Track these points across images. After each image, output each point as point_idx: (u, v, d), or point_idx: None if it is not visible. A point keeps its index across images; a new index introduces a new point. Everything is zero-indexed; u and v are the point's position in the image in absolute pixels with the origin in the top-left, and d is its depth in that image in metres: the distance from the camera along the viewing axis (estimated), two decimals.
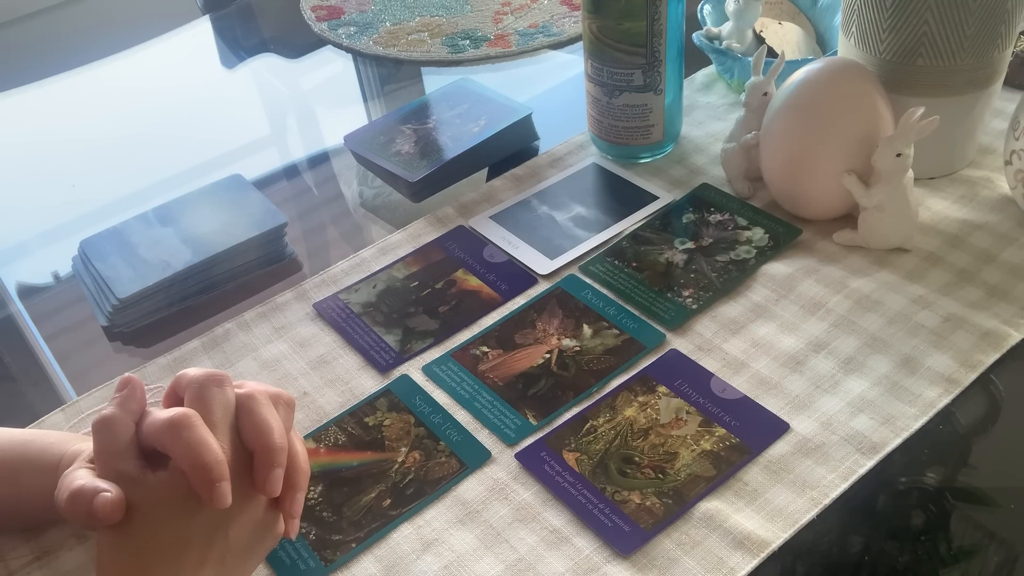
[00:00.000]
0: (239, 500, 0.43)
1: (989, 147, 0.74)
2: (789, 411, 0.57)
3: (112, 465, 0.42)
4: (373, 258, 0.72)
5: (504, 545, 0.52)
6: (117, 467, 0.42)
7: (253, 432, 0.44)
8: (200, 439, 0.41)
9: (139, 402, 0.44)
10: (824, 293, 0.64)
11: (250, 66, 1.08)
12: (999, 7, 0.65)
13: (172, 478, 0.42)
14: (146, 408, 0.44)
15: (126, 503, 0.41)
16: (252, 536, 0.44)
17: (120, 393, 0.44)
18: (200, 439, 0.41)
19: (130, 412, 0.43)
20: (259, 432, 0.44)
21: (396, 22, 1.05)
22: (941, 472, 0.54)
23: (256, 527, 0.44)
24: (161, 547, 0.41)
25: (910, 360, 0.59)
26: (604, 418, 0.57)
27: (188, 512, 0.42)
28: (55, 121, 1.00)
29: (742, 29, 0.84)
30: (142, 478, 0.42)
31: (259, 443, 0.44)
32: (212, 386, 0.44)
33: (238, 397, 0.45)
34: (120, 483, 0.42)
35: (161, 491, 0.42)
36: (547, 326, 0.64)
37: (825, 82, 0.65)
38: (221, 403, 0.44)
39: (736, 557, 0.49)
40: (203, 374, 0.44)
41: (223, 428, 0.43)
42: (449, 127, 0.84)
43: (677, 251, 0.69)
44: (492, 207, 0.76)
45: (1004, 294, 0.62)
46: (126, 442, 0.43)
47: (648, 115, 0.75)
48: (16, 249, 0.83)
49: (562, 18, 1.02)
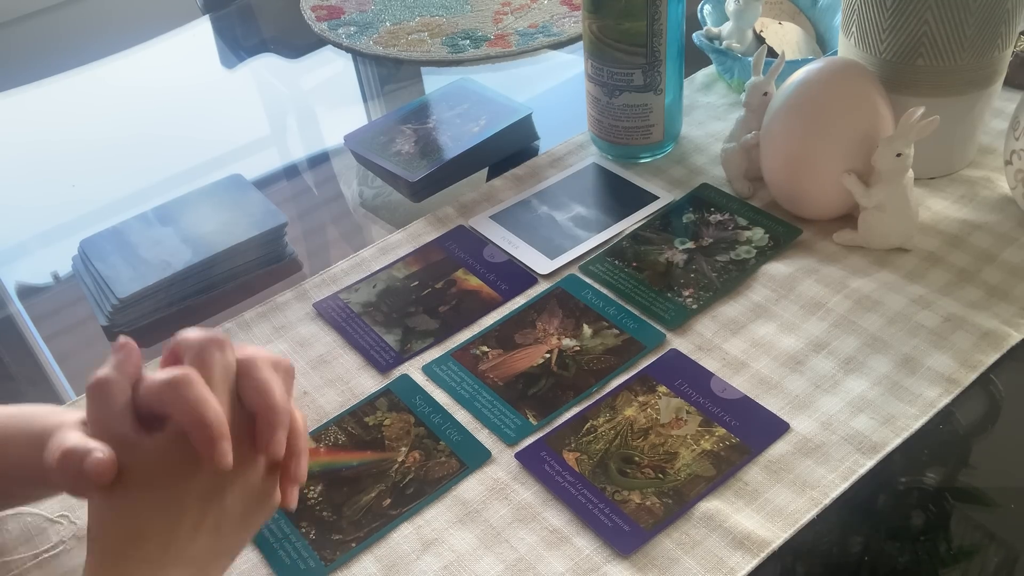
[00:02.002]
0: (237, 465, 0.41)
1: (989, 147, 0.74)
2: (789, 411, 0.57)
3: (107, 428, 0.41)
4: (373, 258, 0.72)
5: (504, 545, 0.52)
6: (112, 430, 0.40)
7: (254, 393, 0.42)
8: (201, 397, 0.40)
9: (135, 365, 0.42)
10: (824, 293, 0.64)
11: (250, 66, 1.08)
12: (999, 7, 0.65)
13: (168, 441, 0.40)
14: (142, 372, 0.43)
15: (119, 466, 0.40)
16: (248, 504, 0.43)
17: (116, 355, 0.42)
18: (201, 397, 0.40)
19: (126, 375, 0.42)
20: (261, 393, 0.42)
21: (396, 22, 1.05)
22: (941, 472, 0.54)
23: (253, 495, 0.43)
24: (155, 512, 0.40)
25: (910, 360, 0.59)
26: (604, 418, 0.57)
27: (184, 476, 0.40)
28: (55, 121, 1.00)
29: (742, 29, 0.84)
30: (137, 441, 0.40)
31: (261, 404, 0.42)
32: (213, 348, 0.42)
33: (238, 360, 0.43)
34: (114, 446, 0.40)
35: (156, 454, 0.40)
36: (547, 326, 0.64)
37: (825, 82, 0.65)
38: (221, 365, 0.42)
39: (736, 557, 0.49)
40: (203, 336, 0.43)
41: (223, 390, 0.42)
42: (449, 127, 0.84)
43: (677, 251, 0.69)
44: (492, 207, 0.76)
45: (1004, 294, 0.62)
46: (122, 405, 0.41)
47: (648, 115, 0.75)
48: (16, 249, 0.83)
49: (562, 18, 1.02)
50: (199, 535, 0.41)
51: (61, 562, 0.53)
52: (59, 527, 0.55)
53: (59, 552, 0.54)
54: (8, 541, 0.54)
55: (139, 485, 0.40)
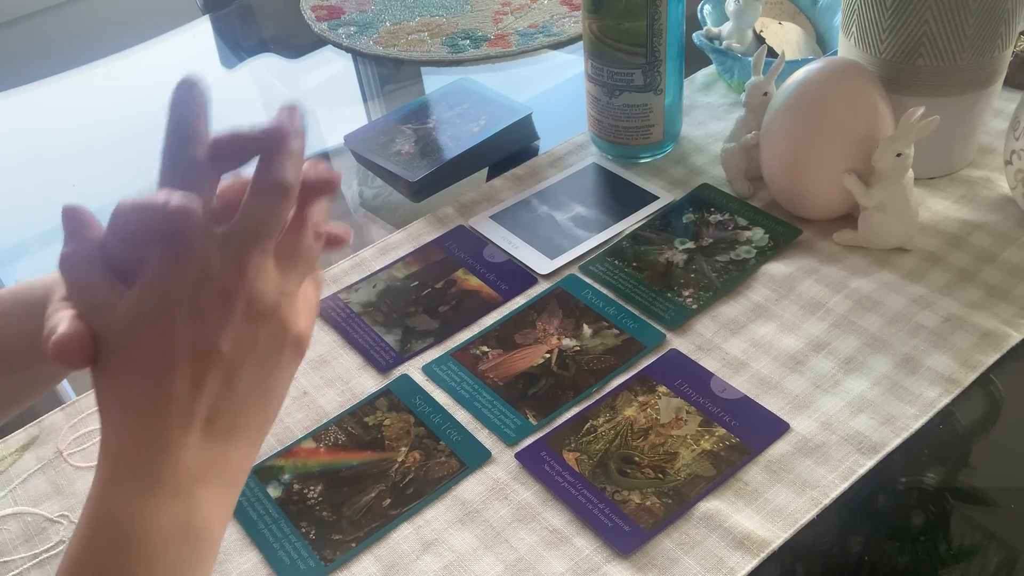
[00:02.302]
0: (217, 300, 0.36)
1: (989, 147, 0.74)
2: (789, 411, 0.57)
3: (85, 301, 0.37)
4: (373, 258, 0.72)
5: (504, 545, 0.52)
6: (89, 301, 0.37)
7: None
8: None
9: (92, 227, 0.37)
10: (824, 293, 0.64)
11: (250, 66, 1.08)
12: (999, 7, 0.65)
13: (142, 291, 0.36)
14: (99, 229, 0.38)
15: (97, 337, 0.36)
16: (259, 345, 0.37)
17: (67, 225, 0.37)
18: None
19: (87, 241, 0.37)
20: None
21: (396, 22, 1.05)
22: (941, 472, 0.54)
23: (262, 331, 0.37)
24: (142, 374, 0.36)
25: (910, 360, 0.59)
26: (604, 418, 0.57)
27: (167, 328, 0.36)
28: (55, 121, 1.00)
29: (742, 29, 0.84)
30: (112, 303, 0.36)
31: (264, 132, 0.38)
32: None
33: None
34: (94, 317, 0.36)
35: (132, 309, 0.36)
36: (547, 326, 0.64)
37: (825, 82, 0.65)
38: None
39: (736, 557, 0.49)
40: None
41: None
42: (449, 127, 0.84)
43: (677, 251, 0.69)
44: (492, 207, 0.76)
45: (1004, 294, 0.62)
46: (94, 274, 0.37)
47: (648, 115, 0.75)
48: (16, 249, 0.83)
49: (562, 18, 1.02)
50: (201, 396, 0.36)
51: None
52: (59, 527, 0.55)
53: (59, 552, 0.54)
54: (8, 541, 0.55)
55: (119, 348, 0.36)
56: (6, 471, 0.59)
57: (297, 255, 0.38)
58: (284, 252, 0.38)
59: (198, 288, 0.36)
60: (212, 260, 0.36)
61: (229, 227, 0.36)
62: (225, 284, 0.36)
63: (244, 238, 0.36)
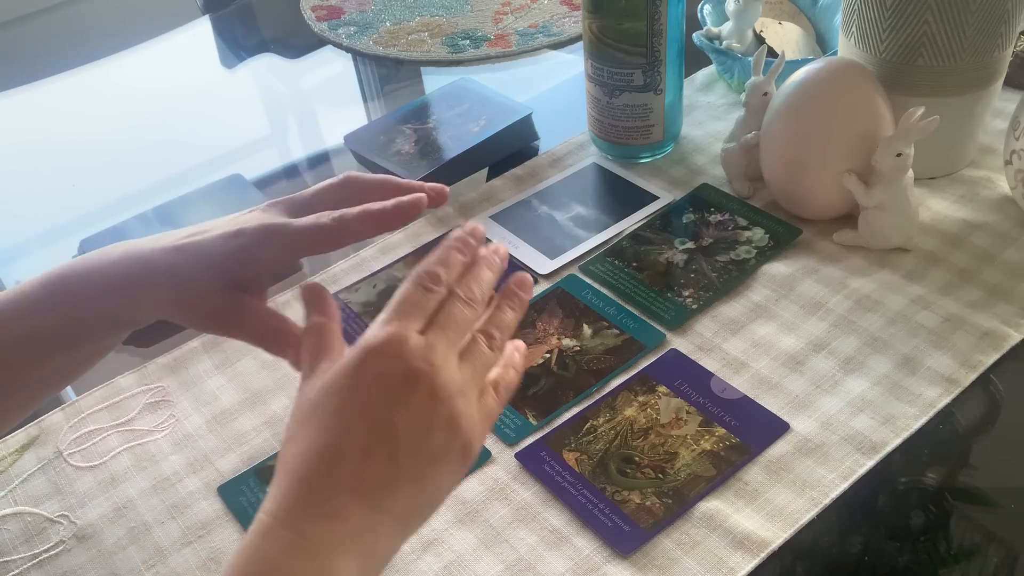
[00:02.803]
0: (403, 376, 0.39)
1: (989, 147, 0.74)
2: (789, 411, 0.57)
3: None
4: (373, 258, 0.72)
5: (504, 545, 0.52)
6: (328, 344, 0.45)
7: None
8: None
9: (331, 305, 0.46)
10: (824, 293, 0.64)
11: (250, 66, 1.08)
12: (999, 7, 0.65)
13: (350, 356, 0.41)
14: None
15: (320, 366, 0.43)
16: (429, 433, 0.38)
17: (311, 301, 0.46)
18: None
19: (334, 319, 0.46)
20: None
21: (396, 22, 1.05)
22: (941, 472, 0.54)
23: (435, 420, 0.39)
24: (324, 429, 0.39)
25: (910, 360, 0.59)
26: (604, 418, 0.57)
27: (354, 393, 0.39)
28: (55, 121, 1.00)
29: (742, 29, 0.84)
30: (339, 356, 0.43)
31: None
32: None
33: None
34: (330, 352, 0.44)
35: (335, 371, 0.41)
36: (547, 326, 0.64)
37: (825, 82, 0.65)
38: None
39: (736, 557, 0.49)
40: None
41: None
42: (449, 127, 0.84)
43: (677, 251, 0.69)
44: (492, 207, 0.76)
45: (1004, 294, 0.62)
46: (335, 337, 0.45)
47: (648, 115, 0.75)
48: (16, 249, 0.83)
49: (562, 18, 1.02)
50: (368, 463, 0.38)
51: (61, 562, 0.53)
52: (59, 527, 0.55)
53: (59, 552, 0.54)
54: (8, 541, 0.55)
55: (319, 406, 0.40)
56: (6, 471, 0.59)
57: (478, 360, 0.42)
58: (466, 355, 0.41)
59: (390, 363, 0.39)
60: (410, 344, 0.39)
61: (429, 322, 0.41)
62: (414, 365, 0.39)
63: (436, 330, 0.40)
